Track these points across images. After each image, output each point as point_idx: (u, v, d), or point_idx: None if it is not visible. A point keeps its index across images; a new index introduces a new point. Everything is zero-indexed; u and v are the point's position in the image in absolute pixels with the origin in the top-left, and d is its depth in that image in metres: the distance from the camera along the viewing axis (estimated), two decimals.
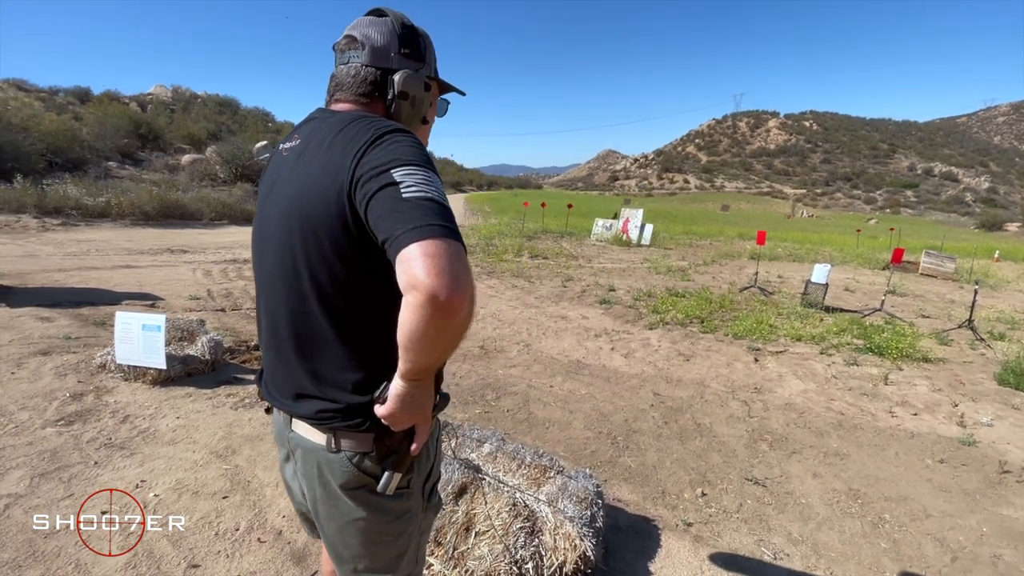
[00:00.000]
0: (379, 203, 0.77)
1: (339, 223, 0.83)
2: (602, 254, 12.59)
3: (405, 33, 0.99)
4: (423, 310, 0.70)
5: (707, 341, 5.55)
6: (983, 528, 2.53)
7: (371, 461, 0.93)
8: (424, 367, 0.79)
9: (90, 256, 7.83)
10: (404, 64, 0.99)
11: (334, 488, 0.95)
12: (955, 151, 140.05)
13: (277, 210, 0.93)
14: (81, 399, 3.11)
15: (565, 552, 1.75)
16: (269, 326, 0.99)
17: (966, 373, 4.94)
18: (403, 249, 0.72)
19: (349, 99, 0.98)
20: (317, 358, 0.92)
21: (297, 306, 0.91)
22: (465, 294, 0.72)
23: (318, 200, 0.84)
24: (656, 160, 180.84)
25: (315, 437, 0.95)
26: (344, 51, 0.99)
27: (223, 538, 2.02)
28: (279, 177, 0.96)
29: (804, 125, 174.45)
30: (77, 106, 23.94)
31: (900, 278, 11.31)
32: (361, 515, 0.96)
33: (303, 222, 0.87)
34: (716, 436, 3.35)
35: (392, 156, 0.80)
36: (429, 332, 0.72)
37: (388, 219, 0.75)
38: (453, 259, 0.72)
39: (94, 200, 11.73)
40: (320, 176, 0.85)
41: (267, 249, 0.96)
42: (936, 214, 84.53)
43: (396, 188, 0.76)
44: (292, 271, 0.90)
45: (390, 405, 0.84)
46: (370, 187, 0.78)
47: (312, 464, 0.97)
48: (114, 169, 17.23)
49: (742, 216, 52.18)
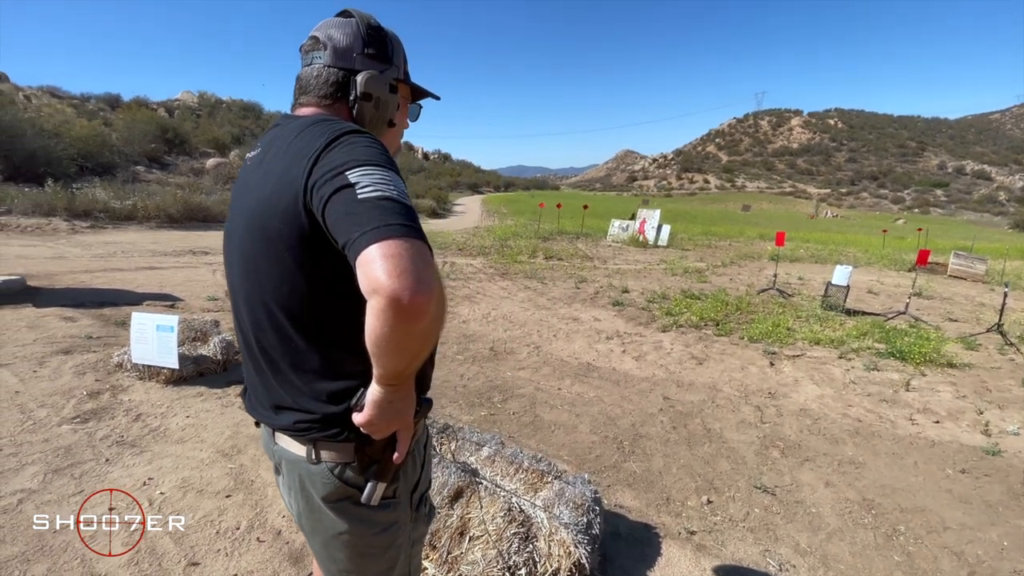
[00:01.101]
0: (335, 206, 0.74)
1: (296, 231, 0.81)
2: (618, 255, 12.48)
3: (370, 34, 0.97)
4: (386, 314, 0.67)
5: (721, 344, 5.44)
6: (1004, 542, 2.42)
7: (353, 472, 0.90)
8: (398, 372, 0.77)
9: (116, 258, 8.07)
10: (368, 65, 0.97)
11: (316, 501, 0.93)
12: (988, 149, 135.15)
13: (240, 220, 0.91)
14: (97, 397, 3.20)
15: (559, 559, 1.73)
16: (243, 339, 0.97)
17: (993, 379, 4.74)
18: (362, 252, 0.69)
19: (312, 102, 0.97)
20: (289, 369, 0.90)
21: (265, 317, 0.90)
22: (430, 295, 0.68)
23: (275, 209, 0.82)
24: (675, 160, 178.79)
25: (296, 449, 0.93)
26: (308, 52, 0.97)
27: (224, 536, 2.04)
28: (243, 191, 0.94)
29: (828, 123, 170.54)
30: (108, 112, 24.75)
31: (927, 280, 10.95)
32: (345, 528, 0.93)
33: (262, 231, 0.85)
34: (726, 442, 3.28)
35: (348, 157, 0.77)
36: (395, 337, 0.69)
37: (345, 222, 0.72)
38: (415, 259, 0.69)
39: (121, 203, 12.09)
40: (276, 184, 0.83)
41: (233, 261, 0.94)
42: (968, 214, 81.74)
43: (352, 190, 0.73)
44: (257, 282, 0.89)
45: (367, 412, 0.82)
46: (325, 191, 0.75)
47: (295, 476, 0.95)
48: (142, 173, 17.76)
49: (763, 216, 51.22)
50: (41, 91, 25.20)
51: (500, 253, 11.27)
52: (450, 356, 4.63)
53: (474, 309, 6.40)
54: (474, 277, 8.51)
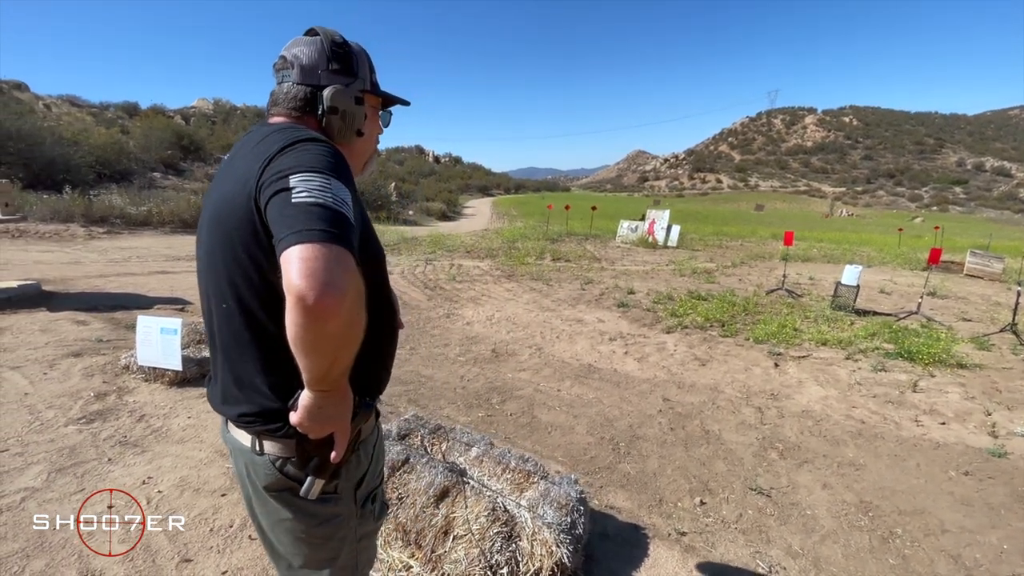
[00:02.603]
0: (272, 209, 0.78)
1: (249, 228, 0.86)
2: (626, 256, 12.43)
3: (335, 50, 1.02)
4: (294, 313, 0.70)
5: (726, 345, 5.40)
6: (1004, 545, 2.37)
7: (293, 466, 0.94)
8: (321, 375, 0.78)
9: (130, 262, 8.25)
10: (333, 80, 1.02)
11: (260, 489, 0.98)
12: (1008, 144, 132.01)
13: (207, 216, 0.97)
14: (104, 399, 3.28)
15: (541, 558, 1.74)
16: (207, 331, 1.03)
17: (1004, 380, 4.64)
18: (283, 253, 0.73)
19: (282, 112, 1.02)
20: (238, 361, 0.95)
21: (221, 310, 0.94)
22: (339, 298, 0.70)
23: (233, 206, 0.87)
24: (687, 160, 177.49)
25: (242, 439, 0.98)
26: (279, 71, 1.03)
27: (217, 534, 2.09)
28: (212, 187, 1.00)
29: (843, 121, 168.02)
30: (125, 120, 25.36)
31: (942, 279, 10.74)
32: (287, 516, 0.98)
33: (220, 226, 0.90)
34: (724, 443, 3.26)
35: (295, 163, 0.82)
36: (306, 337, 0.72)
37: (277, 223, 0.76)
38: (329, 263, 0.71)
39: (137, 209, 12.37)
40: (235, 183, 0.89)
41: (200, 255, 1.00)
42: (988, 211, 79.89)
43: (288, 193, 0.77)
44: (215, 276, 0.94)
45: (300, 414, 0.84)
46: (268, 192, 0.80)
47: (241, 464, 1.00)
48: (158, 179, 18.15)
49: (777, 216, 50.57)
50: (61, 100, 25.88)
51: (508, 255, 11.30)
52: (451, 358, 4.66)
53: (478, 311, 6.43)
54: (480, 279, 8.54)
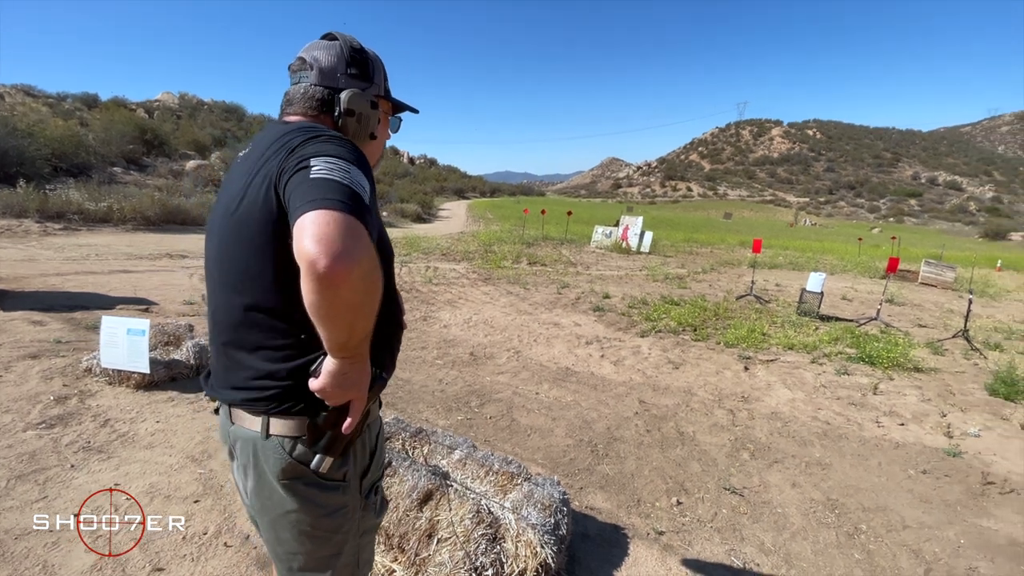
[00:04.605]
0: (291, 186, 0.82)
1: (266, 215, 0.88)
2: (600, 261, 12.59)
3: (353, 55, 1.05)
4: (307, 278, 0.72)
5: (698, 349, 5.53)
6: (960, 540, 2.50)
7: (303, 446, 0.95)
8: (340, 343, 0.81)
9: (89, 260, 7.89)
10: (351, 84, 1.05)
11: (268, 478, 0.97)
12: (959, 160, 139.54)
13: (220, 208, 0.98)
14: (65, 403, 3.13)
15: (526, 559, 1.75)
16: (212, 320, 1.03)
17: (957, 383, 4.90)
18: (297, 220, 0.75)
19: (298, 112, 1.05)
20: (250, 347, 0.96)
21: (231, 297, 0.96)
22: (350, 264, 0.71)
23: (249, 195, 0.90)
24: (659, 168, 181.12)
25: (250, 424, 0.98)
26: (296, 72, 1.06)
27: (190, 542, 2.02)
28: (228, 184, 1.01)
29: (807, 133, 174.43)
30: (84, 112, 24.26)
31: (899, 287, 11.26)
32: (294, 507, 0.98)
33: (235, 215, 0.92)
34: (698, 445, 3.34)
35: (316, 150, 0.86)
36: (320, 303, 0.73)
37: (294, 196, 0.80)
38: (342, 230, 0.72)
39: (96, 205, 11.83)
40: (254, 174, 0.91)
41: (211, 246, 1.01)
42: (940, 223, 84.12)
43: (307, 171, 0.81)
44: (228, 262, 0.95)
45: (322, 380, 0.86)
46: (287, 175, 0.84)
47: (248, 454, 0.99)
48: (119, 174, 17.42)
49: (745, 224, 52.09)
50: (15, 89, 24.64)
51: (484, 258, 11.29)
52: (429, 361, 4.63)
53: (455, 314, 6.41)
54: (457, 282, 8.51)
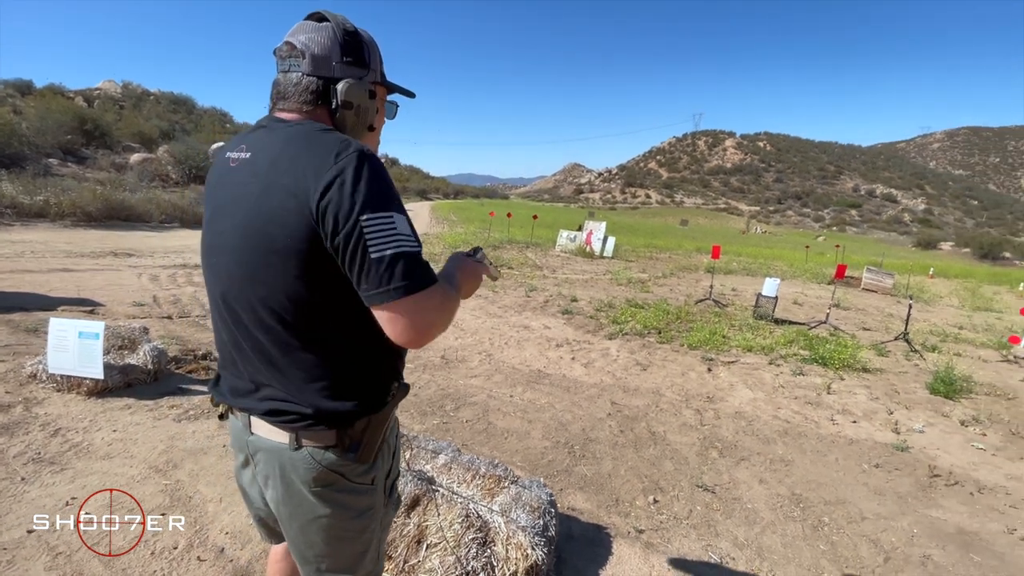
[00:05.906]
0: (351, 258, 0.83)
1: (302, 246, 0.84)
2: (566, 265, 12.74)
3: (347, 40, 0.95)
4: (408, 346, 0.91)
5: (664, 351, 5.69)
6: (914, 529, 2.68)
7: (335, 454, 0.94)
8: None
9: (24, 258, 7.34)
10: (347, 72, 0.95)
11: (297, 487, 0.95)
12: (895, 174, 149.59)
13: (232, 226, 0.91)
14: (8, 411, 2.90)
15: (517, 562, 1.75)
16: (231, 337, 0.97)
17: (901, 383, 5.25)
18: (376, 310, 0.85)
19: (293, 107, 0.95)
20: (283, 368, 0.93)
21: (263, 317, 0.90)
22: (434, 332, 0.88)
23: (278, 221, 0.84)
24: (620, 175, 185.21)
25: (277, 437, 0.95)
26: (285, 58, 0.95)
27: (160, 557, 1.91)
28: (232, 192, 0.93)
29: (759, 145, 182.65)
30: (17, 99, 22.53)
31: (844, 292, 11.94)
32: (324, 513, 0.97)
33: (263, 238, 0.86)
34: (669, 444, 3.43)
35: (360, 199, 0.81)
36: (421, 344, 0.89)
37: (361, 277, 0.83)
38: (419, 314, 0.85)
39: (31, 199, 11.03)
40: (280, 198, 0.84)
41: (224, 263, 0.94)
42: (877, 232, 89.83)
43: (365, 244, 0.81)
44: (255, 284, 0.89)
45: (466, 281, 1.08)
46: (341, 240, 0.82)
47: (274, 465, 0.96)
48: (55, 166, 16.26)
49: (700, 231, 53.97)
50: None
51: None
52: None
53: None
54: None
